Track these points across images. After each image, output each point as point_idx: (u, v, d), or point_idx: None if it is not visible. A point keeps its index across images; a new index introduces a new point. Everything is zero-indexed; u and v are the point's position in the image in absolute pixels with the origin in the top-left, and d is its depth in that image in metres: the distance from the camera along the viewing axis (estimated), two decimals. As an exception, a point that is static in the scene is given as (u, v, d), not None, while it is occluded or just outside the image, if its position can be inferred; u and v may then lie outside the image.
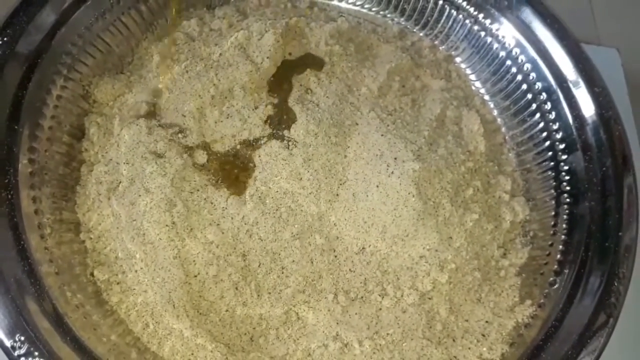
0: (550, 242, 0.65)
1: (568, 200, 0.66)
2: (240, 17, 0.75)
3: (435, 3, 0.77)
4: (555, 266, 0.63)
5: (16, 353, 0.49)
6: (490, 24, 0.75)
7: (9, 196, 0.56)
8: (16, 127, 0.59)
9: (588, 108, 0.67)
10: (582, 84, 0.68)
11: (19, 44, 0.61)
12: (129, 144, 0.64)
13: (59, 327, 0.52)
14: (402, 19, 0.79)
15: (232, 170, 0.64)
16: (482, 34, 0.76)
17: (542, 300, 0.61)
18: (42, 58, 0.62)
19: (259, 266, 0.60)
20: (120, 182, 0.62)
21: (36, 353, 0.49)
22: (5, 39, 0.60)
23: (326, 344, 0.59)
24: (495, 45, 0.75)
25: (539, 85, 0.71)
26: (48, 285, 0.54)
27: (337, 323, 0.59)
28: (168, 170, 0.61)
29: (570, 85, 0.69)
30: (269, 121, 0.67)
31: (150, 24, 0.73)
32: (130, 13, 0.71)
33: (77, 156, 0.65)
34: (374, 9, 0.80)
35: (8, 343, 0.49)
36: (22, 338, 0.49)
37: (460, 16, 0.77)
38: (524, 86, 0.72)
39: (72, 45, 0.65)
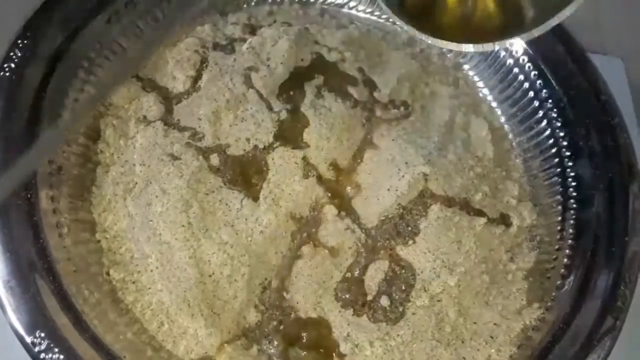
0: (557, 247, 0.66)
1: (574, 205, 0.67)
2: (253, 23, 0.77)
3: (444, 11, 0.79)
4: (562, 270, 0.64)
5: (37, 349, 0.50)
6: (498, 32, 0.76)
7: (29, 195, 0.57)
8: (35, 128, 0.60)
9: (594, 116, 0.69)
10: (588, 92, 0.70)
11: (39, 46, 0.62)
12: (145, 146, 0.65)
13: (77, 323, 0.53)
14: (411, 27, 0.81)
15: (246, 172, 0.65)
16: (490, 42, 0.77)
17: (549, 304, 0.62)
18: (61, 61, 0.63)
19: (271, 267, 0.61)
20: (136, 183, 0.63)
21: (56, 349, 0.50)
22: (25, 41, 0.62)
23: (337, 345, 0.60)
24: (503, 54, 0.76)
25: (545, 92, 0.72)
26: (66, 283, 0.55)
27: (348, 324, 0.60)
28: (184, 172, 0.62)
29: (577, 93, 0.70)
30: (282, 125, 0.68)
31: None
32: (146, 17, 0.73)
33: (93, 157, 0.65)
34: (383, 17, 0.81)
35: (28, 339, 0.50)
36: (42, 334, 0.50)
37: (469, 24, 0.78)
38: (531, 94, 0.74)
39: (90, 48, 0.67)
